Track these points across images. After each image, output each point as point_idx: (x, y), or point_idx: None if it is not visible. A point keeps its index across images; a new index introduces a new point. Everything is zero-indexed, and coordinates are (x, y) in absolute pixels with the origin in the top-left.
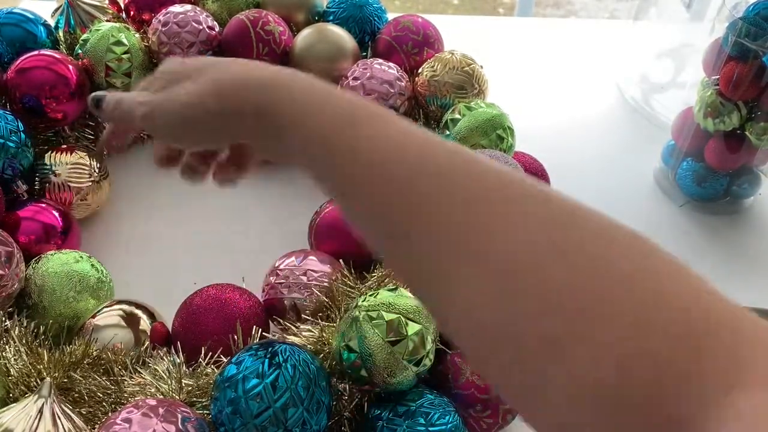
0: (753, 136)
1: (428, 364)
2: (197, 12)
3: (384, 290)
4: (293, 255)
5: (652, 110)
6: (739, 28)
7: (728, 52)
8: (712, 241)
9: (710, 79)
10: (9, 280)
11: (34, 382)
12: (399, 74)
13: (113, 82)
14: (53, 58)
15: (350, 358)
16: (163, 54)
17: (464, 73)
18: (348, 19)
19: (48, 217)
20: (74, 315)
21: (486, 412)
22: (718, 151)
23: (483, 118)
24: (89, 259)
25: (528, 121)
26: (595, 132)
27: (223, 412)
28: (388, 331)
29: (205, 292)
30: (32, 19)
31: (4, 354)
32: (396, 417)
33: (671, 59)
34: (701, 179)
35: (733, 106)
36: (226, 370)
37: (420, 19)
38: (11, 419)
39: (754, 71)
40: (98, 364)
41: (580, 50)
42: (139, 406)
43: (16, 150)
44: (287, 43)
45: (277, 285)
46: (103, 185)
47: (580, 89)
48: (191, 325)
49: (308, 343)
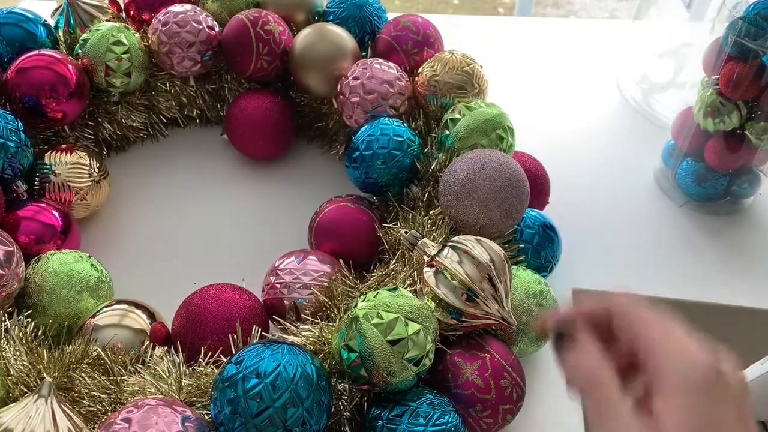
0: (753, 136)
1: (428, 364)
2: (197, 12)
3: (384, 290)
4: (293, 255)
5: (652, 110)
6: (739, 27)
7: (728, 51)
8: (712, 241)
9: (710, 79)
10: (9, 280)
11: (33, 381)
12: (399, 74)
13: (113, 82)
14: (53, 58)
15: (350, 358)
16: (163, 54)
17: (464, 73)
18: (348, 18)
19: (48, 217)
20: (74, 315)
21: (486, 412)
22: (718, 150)
23: (483, 118)
24: (89, 259)
25: (528, 121)
26: (595, 132)
27: (223, 412)
28: (388, 331)
29: (205, 292)
30: (32, 18)
31: (4, 354)
32: (396, 417)
33: (671, 59)
34: (701, 179)
35: (733, 106)
36: (225, 369)
37: (420, 19)
38: (11, 419)
39: (754, 71)
40: (98, 363)
41: (580, 50)
42: (139, 406)
43: (16, 150)
44: (287, 43)
45: (277, 285)
46: (103, 185)
47: (580, 89)
48: (191, 325)
49: (308, 342)
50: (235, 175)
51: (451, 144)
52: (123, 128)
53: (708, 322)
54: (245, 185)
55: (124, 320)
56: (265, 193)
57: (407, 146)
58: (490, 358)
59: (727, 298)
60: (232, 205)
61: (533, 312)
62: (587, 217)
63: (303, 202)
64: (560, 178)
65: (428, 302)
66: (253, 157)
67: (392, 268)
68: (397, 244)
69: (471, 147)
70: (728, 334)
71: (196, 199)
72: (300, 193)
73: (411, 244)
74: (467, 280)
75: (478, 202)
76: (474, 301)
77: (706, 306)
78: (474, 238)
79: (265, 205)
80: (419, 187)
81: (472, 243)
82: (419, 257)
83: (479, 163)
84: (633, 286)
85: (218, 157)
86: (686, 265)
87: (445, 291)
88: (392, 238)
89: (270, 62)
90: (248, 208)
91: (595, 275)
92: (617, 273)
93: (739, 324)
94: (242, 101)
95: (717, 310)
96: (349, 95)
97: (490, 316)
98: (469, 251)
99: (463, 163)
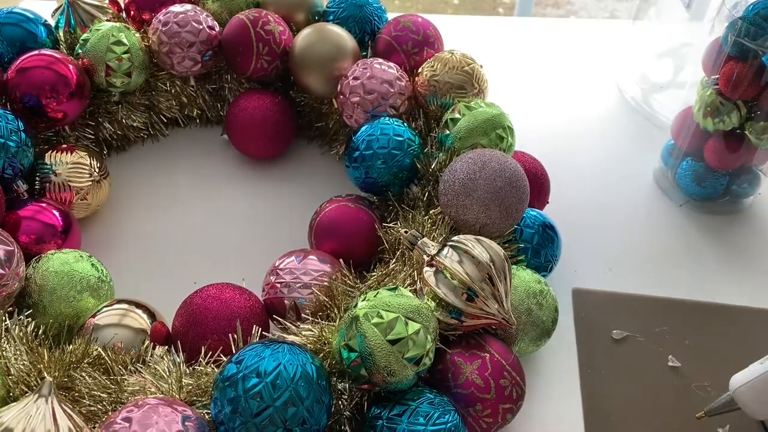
0: (753, 136)
1: (428, 363)
2: (197, 12)
3: (384, 290)
4: (293, 255)
5: (652, 110)
6: (738, 27)
7: (728, 51)
8: (712, 241)
9: (710, 79)
10: (9, 280)
11: (34, 381)
12: (399, 74)
13: (113, 82)
14: (53, 58)
15: (350, 358)
16: (163, 54)
17: (464, 73)
18: (348, 18)
19: (48, 217)
20: (74, 314)
21: (486, 411)
22: (718, 150)
23: (483, 118)
24: (89, 259)
25: (528, 121)
26: (595, 132)
27: (223, 411)
28: (388, 331)
29: (205, 292)
30: (32, 18)
31: (5, 353)
32: (396, 416)
33: (671, 59)
34: (701, 179)
35: (732, 106)
36: (225, 369)
37: (420, 19)
38: (11, 419)
39: (753, 71)
40: (98, 363)
41: (580, 50)
42: (140, 405)
43: (17, 149)
44: (287, 42)
45: (277, 285)
46: (103, 185)
47: (580, 89)
48: (191, 325)
49: (308, 342)
50: (235, 175)
51: (451, 144)
52: (123, 128)
53: (708, 322)
54: (245, 185)
55: (125, 320)
56: (265, 193)
57: (407, 146)
58: (490, 357)
59: (727, 298)
60: (232, 204)
61: (533, 312)
62: (587, 217)
63: (303, 202)
64: (560, 177)
65: (428, 302)
66: (254, 156)
67: (392, 268)
68: (397, 244)
69: (471, 147)
70: (728, 334)
71: (196, 199)
72: (300, 193)
73: (411, 243)
74: (467, 279)
75: (478, 201)
76: (474, 301)
77: (706, 306)
78: (474, 237)
79: (265, 205)
80: (419, 186)
81: (472, 242)
82: (419, 257)
83: (479, 163)
84: (633, 286)
85: (218, 157)
86: (686, 265)
87: (445, 290)
88: (392, 237)
89: (270, 62)
90: (248, 208)
91: (595, 275)
92: (617, 273)
93: (739, 324)
94: (242, 101)
95: (717, 310)
96: (349, 95)
97: (490, 316)
98: (469, 251)
99: (463, 162)
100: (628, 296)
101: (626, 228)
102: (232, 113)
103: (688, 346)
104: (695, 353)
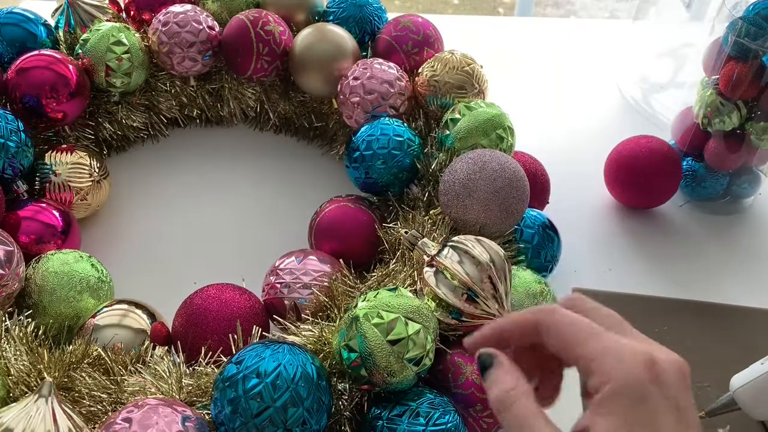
0: (753, 136)
1: (428, 363)
2: (197, 12)
3: (384, 290)
4: (293, 255)
5: (652, 110)
6: (738, 27)
7: (728, 51)
8: (712, 241)
9: (710, 79)
10: (9, 280)
11: (34, 381)
12: (399, 74)
13: (113, 82)
14: (53, 58)
15: (350, 358)
16: (163, 54)
17: (464, 73)
18: (348, 19)
19: (48, 217)
20: (74, 315)
21: (486, 412)
22: (718, 150)
23: (483, 118)
24: (89, 259)
25: (528, 121)
26: (595, 132)
27: (223, 412)
28: (388, 331)
29: (205, 292)
30: (32, 19)
31: (5, 354)
32: (396, 416)
33: (671, 59)
34: (701, 179)
35: (732, 106)
36: (226, 369)
37: (420, 19)
38: (11, 419)
39: (753, 71)
40: (98, 363)
41: (580, 50)
42: (140, 406)
43: (17, 150)
44: (287, 43)
45: (277, 285)
46: (103, 185)
47: (580, 89)
48: (191, 325)
49: (308, 342)
50: (235, 175)
51: (451, 144)
52: (123, 128)
53: (708, 322)
54: (245, 185)
55: (125, 320)
56: (265, 193)
57: (407, 146)
58: None
59: (727, 298)
60: (232, 204)
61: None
62: (587, 217)
63: (303, 202)
64: (560, 178)
65: (428, 302)
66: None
67: (392, 268)
68: (397, 244)
69: (471, 147)
70: (728, 334)
71: (196, 199)
72: (300, 193)
73: (411, 243)
74: (467, 279)
75: (478, 201)
76: (474, 301)
77: (706, 306)
78: (474, 237)
79: (265, 205)
80: (419, 187)
81: (472, 243)
82: (419, 257)
83: (479, 163)
84: (633, 286)
85: (218, 157)
86: (686, 265)
87: (445, 291)
88: (392, 238)
89: (270, 62)
90: (248, 208)
91: (595, 275)
92: (617, 273)
93: (739, 324)
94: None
95: (717, 310)
96: (349, 95)
97: (491, 316)
98: (469, 251)
99: (463, 163)
100: (628, 296)
101: (626, 228)
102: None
103: (688, 346)
104: (695, 353)
